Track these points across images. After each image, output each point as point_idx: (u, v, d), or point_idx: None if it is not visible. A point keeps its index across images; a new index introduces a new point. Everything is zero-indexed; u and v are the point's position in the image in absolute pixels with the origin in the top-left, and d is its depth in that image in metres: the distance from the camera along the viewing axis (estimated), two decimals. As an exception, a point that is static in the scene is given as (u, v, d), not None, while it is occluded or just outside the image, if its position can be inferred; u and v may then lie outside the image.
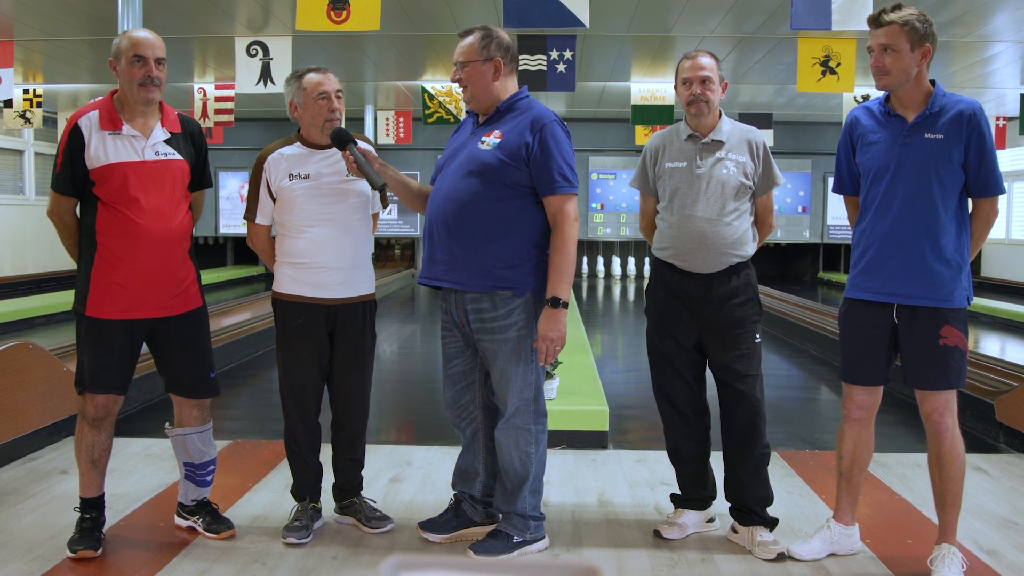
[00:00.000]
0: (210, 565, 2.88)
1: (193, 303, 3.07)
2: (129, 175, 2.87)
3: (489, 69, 2.91)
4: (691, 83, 3.02)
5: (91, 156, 2.87)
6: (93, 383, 2.94)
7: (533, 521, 3.02)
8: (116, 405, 3.04)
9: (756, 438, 3.05)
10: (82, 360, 2.96)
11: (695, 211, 3.01)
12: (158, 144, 2.94)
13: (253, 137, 15.40)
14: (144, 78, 2.87)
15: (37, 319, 9.67)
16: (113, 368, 2.95)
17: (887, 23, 2.71)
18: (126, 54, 2.87)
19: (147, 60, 2.86)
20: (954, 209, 2.77)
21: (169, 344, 3.05)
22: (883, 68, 2.74)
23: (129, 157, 2.88)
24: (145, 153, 2.91)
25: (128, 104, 2.93)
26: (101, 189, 2.88)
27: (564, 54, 7.51)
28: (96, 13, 7.86)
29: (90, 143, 2.87)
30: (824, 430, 5.23)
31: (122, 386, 3.00)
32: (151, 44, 2.88)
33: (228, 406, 5.72)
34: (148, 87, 2.88)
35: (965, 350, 2.82)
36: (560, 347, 2.85)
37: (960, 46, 9.12)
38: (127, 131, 2.90)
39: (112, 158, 2.87)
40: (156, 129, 2.95)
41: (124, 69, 2.88)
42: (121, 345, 2.96)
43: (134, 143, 2.90)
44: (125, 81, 2.90)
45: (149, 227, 2.89)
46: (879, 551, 3.03)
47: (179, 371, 3.09)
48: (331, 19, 6.06)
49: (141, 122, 2.94)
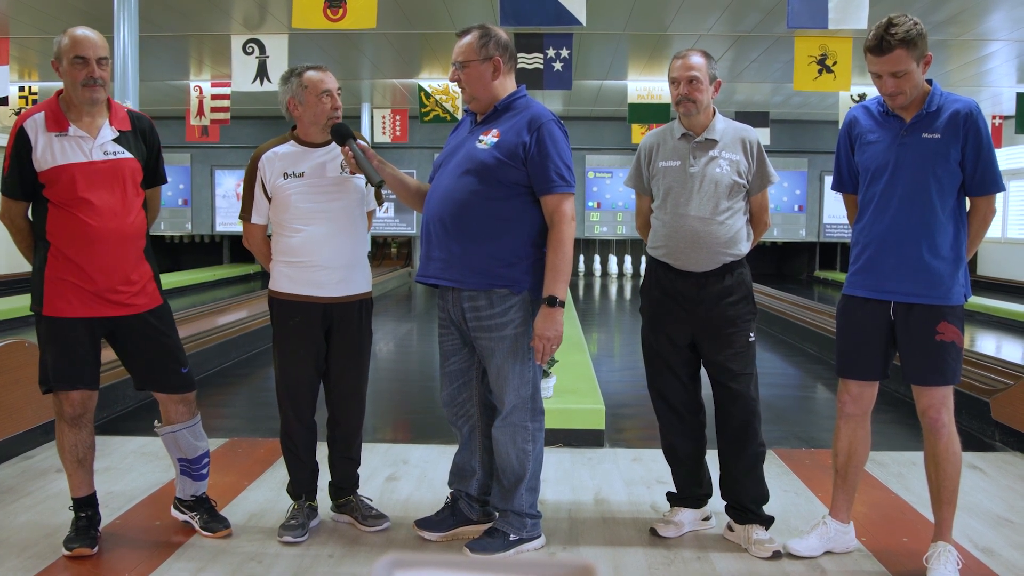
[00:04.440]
0: (206, 563, 2.88)
1: (153, 301, 3.02)
2: (77, 176, 2.83)
3: (488, 68, 2.90)
4: (679, 83, 3.02)
5: (38, 159, 2.82)
6: (59, 380, 2.91)
7: (530, 519, 3.02)
8: (92, 401, 3.00)
9: (751, 436, 3.06)
10: (45, 360, 2.93)
11: (688, 210, 3.01)
12: (107, 143, 2.90)
13: (249, 135, 15.38)
14: (87, 79, 2.82)
15: (32, 318, 9.64)
16: (77, 364, 2.92)
17: (891, 49, 2.66)
18: (67, 55, 2.82)
19: (89, 60, 2.82)
20: (952, 208, 2.77)
21: (132, 343, 3.01)
22: (897, 90, 2.72)
23: (77, 158, 2.84)
24: (93, 153, 2.87)
25: (74, 104, 2.88)
26: (51, 191, 2.84)
27: (561, 52, 7.51)
28: (92, 11, 7.84)
29: (37, 145, 2.83)
30: (820, 428, 5.24)
31: (91, 382, 2.97)
32: (92, 44, 2.83)
33: (224, 404, 5.72)
34: (92, 87, 2.83)
35: (961, 346, 2.83)
36: (556, 346, 2.85)
37: (956, 45, 9.14)
38: (74, 132, 2.85)
39: (60, 160, 2.82)
40: (104, 128, 2.91)
41: (66, 70, 2.83)
42: (82, 341, 2.92)
43: (82, 144, 2.86)
44: (68, 82, 2.85)
45: (101, 227, 2.85)
46: (875, 549, 3.04)
47: (145, 368, 3.06)
48: (327, 17, 6.06)
49: (88, 121, 2.89)
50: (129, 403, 5.30)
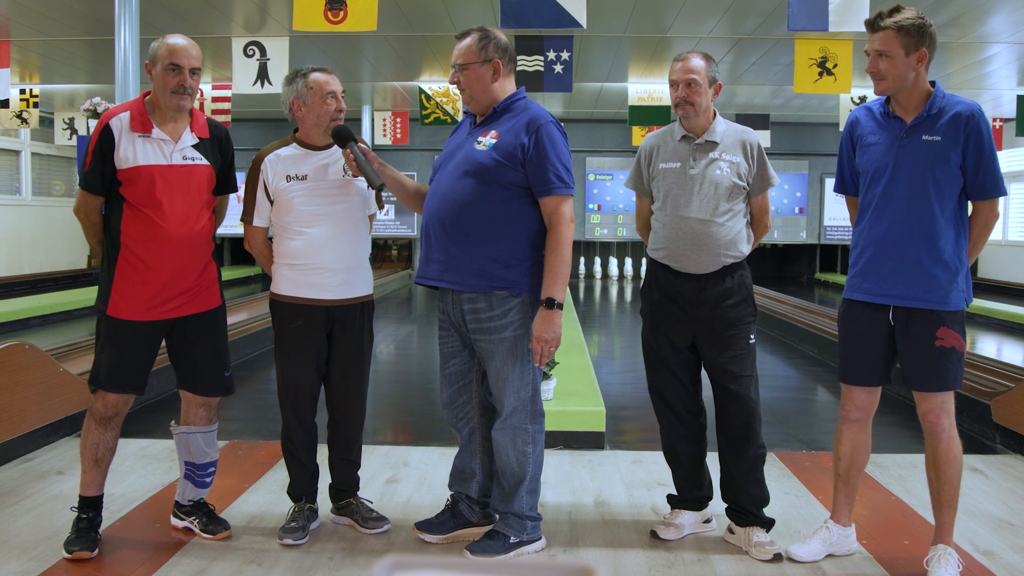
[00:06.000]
0: (207, 565, 2.87)
1: (213, 302, 3.09)
2: (156, 178, 2.90)
3: (488, 71, 2.90)
4: (677, 85, 3.02)
5: (120, 157, 2.89)
6: (109, 382, 2.97)
7: (530, 521, 3.02)
8: (126, 405, 3.06)
9: (751, 438, 3.06)
10: (100, 359, 2.99)
11: (688, 212, 3.01)
12: (186, 149, 2.97)
13: (250, 137, 15.39)
14: (177, 86, 2.90)
15: (33, 319, 9.65)
16: (130, 368, 2.98)
17: (882, 28, 2.71)
18: (162, 61, 2.89)
19: (182, 69, 2.89)
20: (952, 211, 2.76)
21: (187, 342, 3.07)
22: (878, 73, 2.74)
23: (157, 160, 2.91)
24: (173, 157, 2.94)
25: (159, 108, 2.96)
26: (128, 190, 2.91)
27: (561, 55, 7.52)
28: (93, 13, 7.85)
29: (120, 144, 2.90)
30: (821, 431, 5.23)
31: (138, 387, 3.03)
32: (188, 54, 2.91)
33: (225, 407, 5.69)
34: (180, 95, 2.91)
35: (962, 352, 2.82)
36: (554, 348, 2.85)
37: (957, 47, 9.14)
38: (157, 134, 2.93)
39: (140, 160, 2.90)
40: (185, 134, 2.98)
41: (159, 75, 2.91)
42: (140, 346, 2.99)
43: (163, 147, 2.93)
44: (159, 86, 2.93)
45: (172, 230, 2.92)
46: (875, 552, 3.04)
47: (195, 368, 3.11)
48: (328, 19, 6.06)
49: (171, 126, 2.97)
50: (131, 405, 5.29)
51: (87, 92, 12.07)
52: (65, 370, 4.40)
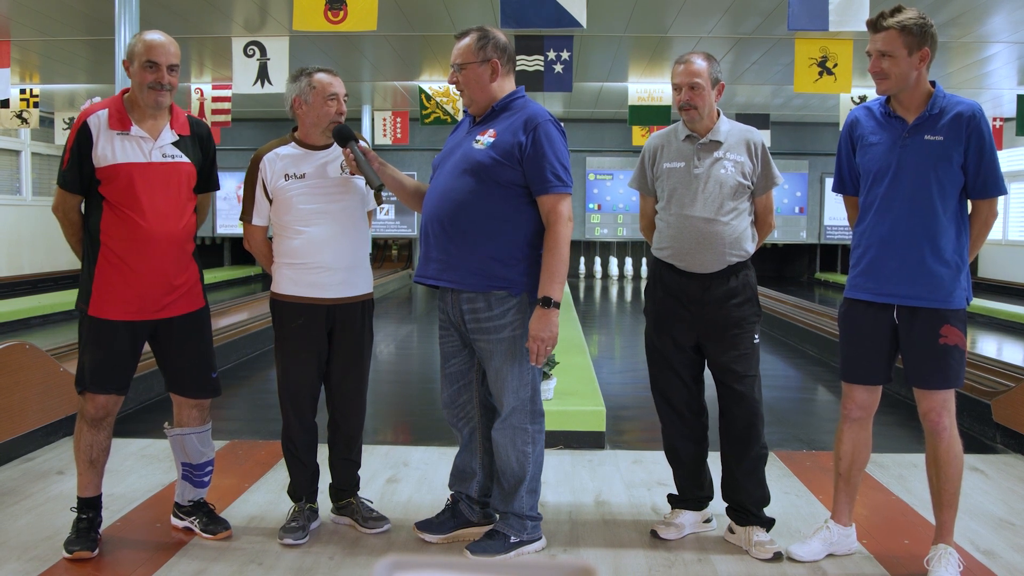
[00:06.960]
0: (207, 565, 2.87)
1: (196, 303, 3.07)
2: (135, 176, 2.87)
3: (486, 70, 2.90)
4: (680, 89, 3.03)
5: (98, 155, 2.87)
6: (93, 383, 2.95)
7: (530, 521, 3.02)
8: (116, 405, 3.05)
9: (754, 438, 3.05)
10: (83, 360, 2.97)
11: (693, 211, 3.01)
12: (166, 146, 2.95)
13: (250, 137, 15.39)
14: (154, 83, 2.88)
15: (33, 319, 9.65)
16: (114, 368, 2.96)
17: (884, 28, 2.71)
18: (139, 58, 2.87)
19: (160, 66, 2.87)
20: (953, 210, 2.77)
21: (171, 344, 3.05)
22: (881, 73, 2.74)
23: (136, 158, 2.89)
24: (152, 155, 2.92)
25: (138, 105, 2.93)
26: (107, 188, 2.89)
27: (561, 55, 7.52)
28: (93, 13, 7.85)
29: (98, 142, 2.88)
30: (821, 431, 5.23)
31: (122, 387, 3.01)
32: (165, 51, 2.88)
33: (225, 407, 5.71)
34: (158, 92, 2.89)
35: (964, 349, 2.82)
36: (551, 347, 2.84)
37: (957, 47, 9.14)
38: (135, 132, 2.91)
39: (119, 158, 2.87)
40: (165, 131, 2.96)
41: (136, 72, 2.89)
42: (123, 346, 2.96)
43: (142, 144, 2.91)
44: (136, 83, 2.91)
45: (153, 229, 2.89)
46: (876, 551, 3.03)
47: (180, 371, 3.10)
48: (328, 19, 6.06)
49: (150, 123, 2.94)
50: (130, 405, 5.29)
51: (87, 92, 12.08)
52: (65, 370, 4.40)
